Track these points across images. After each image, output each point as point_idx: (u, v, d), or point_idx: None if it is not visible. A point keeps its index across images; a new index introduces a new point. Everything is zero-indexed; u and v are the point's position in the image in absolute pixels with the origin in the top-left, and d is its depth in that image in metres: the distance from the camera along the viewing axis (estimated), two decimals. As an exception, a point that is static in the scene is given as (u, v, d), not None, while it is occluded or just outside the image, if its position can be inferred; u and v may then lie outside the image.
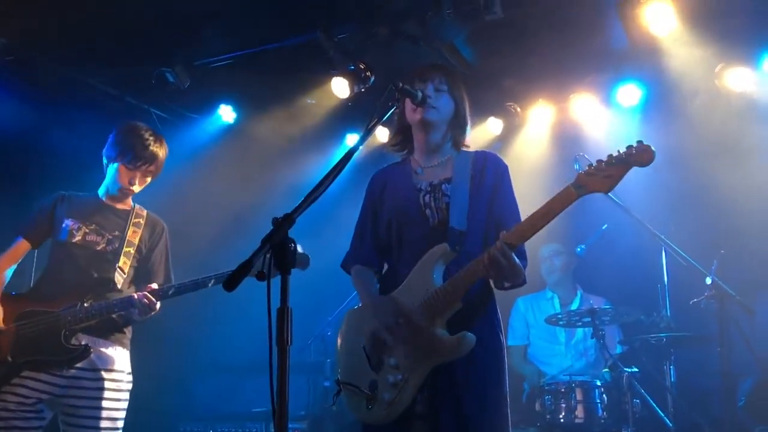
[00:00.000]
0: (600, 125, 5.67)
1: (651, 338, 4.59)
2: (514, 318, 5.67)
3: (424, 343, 2.66)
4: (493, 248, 2.55)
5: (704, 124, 5.27)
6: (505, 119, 6.10)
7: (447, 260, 2.74)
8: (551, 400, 4.61)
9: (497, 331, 2.81)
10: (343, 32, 4.99)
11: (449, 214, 2.79)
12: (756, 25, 4.80)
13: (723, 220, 5.22)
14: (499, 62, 5.44)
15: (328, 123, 6.03)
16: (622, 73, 5.49)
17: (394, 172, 3.06)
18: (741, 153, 5.13)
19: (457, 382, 2.65)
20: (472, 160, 2.93)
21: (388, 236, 2.94)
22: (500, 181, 2.91)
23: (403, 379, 2.66)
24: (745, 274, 4.94)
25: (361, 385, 2.77)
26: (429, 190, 2.89)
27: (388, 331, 2.73)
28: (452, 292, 2.64)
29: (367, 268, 3.01)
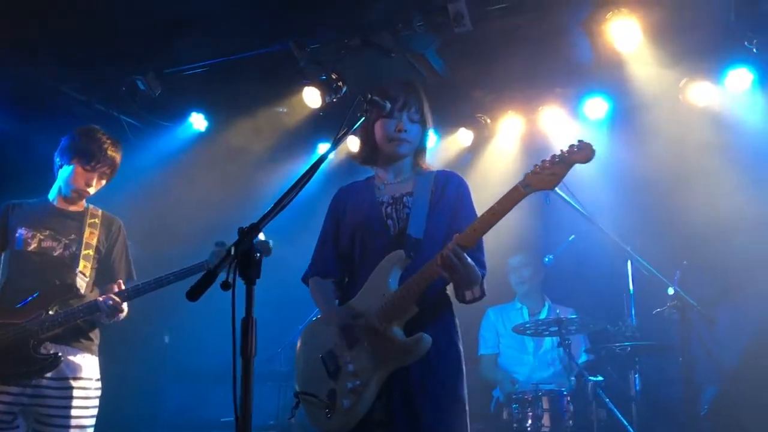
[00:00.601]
0: (568, 137, 5.72)
1: (616, 347, 4.67)
2: (485, 327, 5.74)
3: (382, 347, 2.68)
4: (446, 248, 2.59)
5: (669, 136, 5.38)
6: (475, 130, 6.16)
7: (402, 266, 2.77)
8: (518, 408, 4.66)
9: (454, 338, 2.84)
10: (314, 42, 5.02)
11: (408, 224, 2.85)
12: (718, 41, 4.91)
13: (687, 231, 5.33)
14: (469, 74, 5.51)
15: (300, 132, 6.05)
16: (589, 86, 5.59)
17: (358, 188, 3.12)
18: (704, 165, 5.24)
19: (412, 388, 2.68)
20: (433, 178, 3.01)
21: (351, 248, 2.98)
22: (461, 196, 2.97)
23: (362, 385, 2.68)
24: (708, 284, 5.05)
25: (319, 394, 2.78)
26: (391, 203, 2.94)
27: (345, 338, 2.76)
28: (407, 296, 2.67)
29: (325, 279, 3.03)
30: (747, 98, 5.15)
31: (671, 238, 5.37)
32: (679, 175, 5.33)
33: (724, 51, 5.02)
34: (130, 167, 5.77)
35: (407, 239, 2.81)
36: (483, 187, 5.41)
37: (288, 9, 4.71)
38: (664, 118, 5.39)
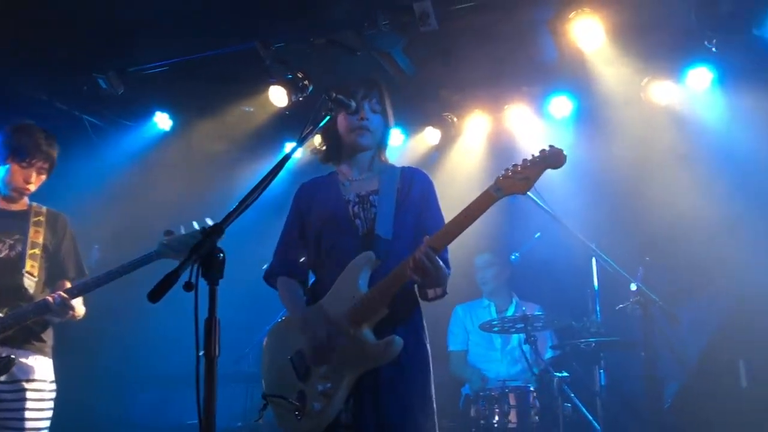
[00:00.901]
0: (534, 136, 5.80)
1: (581, 343, 4.72)
2: (454, 324, 5.76)
3: (352, 349, 2.67)
4: (418, 251, 2.58)
5: (632, 135, 5.46)
6: (442, 129, 6.20)
7: (372, 267, 2.76)
8: (486, 405, 4.69)
9: (422, 338, 2.84)
10: (280, 41, 5.00)
11: (376, 224, 2.83)
12: (679, 40, 5.00)
13: (650, 228, 5.41)
14: (436, 73, 5.53)
15: (266, 131, 6.02)
16: (554, 85, 5.65)
17: (322, 184, 3.08)
18: (666, 164, 5.33)
19: (381, 389, 2.67)
20: (399, 175, 2.99)
21: (317, 247, 2.95)
22: (427, 195, 2.97)
23: (333, 387, 2.67)
24: (670, 281, 5.13)
25: (289, 396, 2.75)
26: (357, 201, 2.92)
27: (315, 340, 2.73)
28: (378, 298, 2.66)
29: (292, 279, 3.00)
30: (707, 97, 5.24)
31: (634, 235, 5.45)
32: (642, 173, 5.41)
33: (684, 50, 5.11)
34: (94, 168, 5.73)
35: (376, 240, 2.80)
36: (451, 186, 5.46)
37: (253, 8, 4.68)
38: (627, 116, 5.46)
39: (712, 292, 5.17)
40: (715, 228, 5.12)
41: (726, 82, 5.14)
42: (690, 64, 5.17)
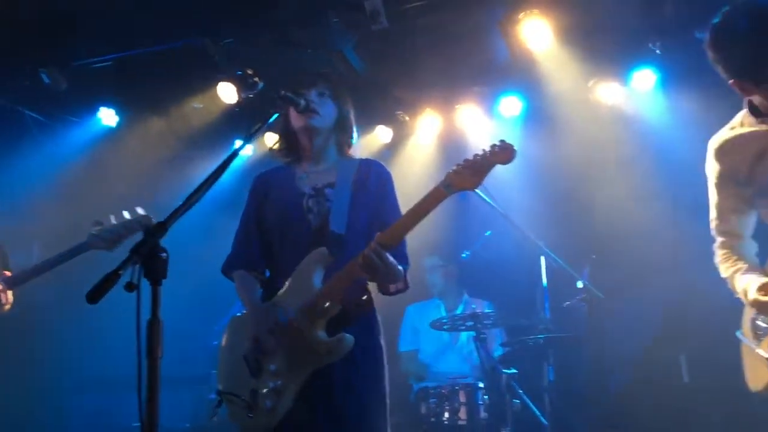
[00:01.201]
0: (484, 135, 5.85)
1: (529, 340, 4.79)
2: (405, 325, 5.79)
3: (304, 346, 2.66)
4: (367, 248, 2.58)
5: (579, 135, 5.55)
6: (394, 127, 6.20)
7: (326, 264, 2.75)
8: (436, 402, 4.72)
9: (376, 334, 2.84)
10: (229, 37, 4.94)
11: (330, 219, 2.82)
12: (625, 43, 5.10)
13: (597, 226, 5.51)
14: (387, 72, 5.54)
15: (215, 128, 5.93)
16: (504, 85, 5.71)
17: (279, 175, 3.05)
18: (612, 164, 5.44)
19: (335, 385, 2.67)
20: (356, 167, 2.97)
21: (271, 241, 2.93)
22: (384, 188, 2.95)
23: (283, 385, 2.66)
24: (616, 277, 5.24)
25: (241, 393, 2.73)
26: (312, 194, 2.90)
27: (267, 336, 2.72)
28: (330, 294, 2.65)
29: (249, 272, 2.97)
30: (651, 98, 5.37)
31: (582, 233, 5.55)
32: (589, 172, 5.51)
33: (630, 52, 5.22)
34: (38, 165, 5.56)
35: (329, 235, 2.78)
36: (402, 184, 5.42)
37: (202, 3, 4.62)
38: (575, 116, 5.55)
39: (655, 289, 5.29)
40: (659, 225, 5.24)
41: (669, 83, 5.27)
42: (635, 65, 5.28)
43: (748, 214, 2.74)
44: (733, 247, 2.75)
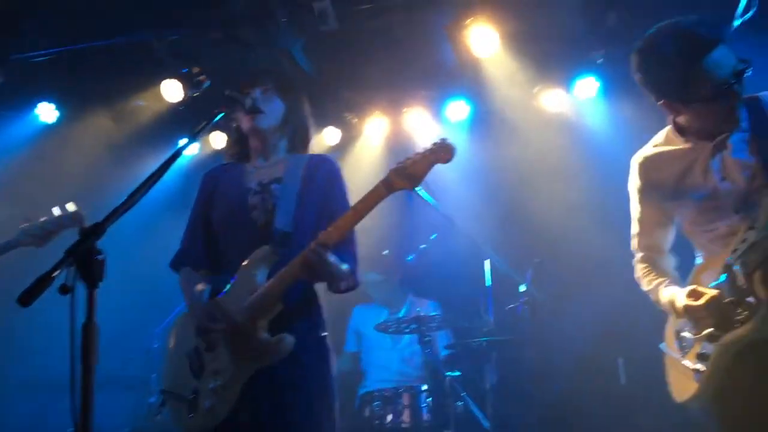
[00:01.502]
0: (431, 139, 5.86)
1: (473, 342, 4.83)
2: (350, 326, 5.78)
3: (245, 346, 2.62)
4: (308, 249, 2.55)
5: (524, 141, 5.63)
6: (342, 129, 6.19)
7: (270, 262, 2.70)
8: (380, 405, 4.72)
9: (320, 333, 2.81)
10: (175, 34, 4.86)
11: (275, 216, 2.78)
12: (569, 51, 5.22)
13: (540, 229, 5.60)
14: (336, 73, 5.53)
15: (159, 127, 5.82)
16: (452, 90, 5.77)
17: (227, 172, 3.01)
18: (556, 169, 5.53)
19: (280, 385, 2.64)
20: (305, 163, 2.92)
21: (218, 237, 2.89)
22: (332, 184, 2.90)
23: (223, 385, 2.62)
24: (559, 280, 5.33)
25: (183, 393, 2.70)
26: (258, 191, 2.86)
27: (209, 335, 2.68)
28: (272, 293, 2.61)
29: (195, 270, 2.92)
30: (593, 106, 5.49)
31: (526, 236, 5.62)
32: (534, 177, 5.59)
33: (573, 61, 5.34)
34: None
35: (274, 233, 2.74)
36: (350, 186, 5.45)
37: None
38: (520, 122, 5.64)
39: (597, 292, 5.40)
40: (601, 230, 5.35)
41: (610, 92, 5.40)
42: (578, 73, 5.40)
43: (670, 230, 2.81)
44: (654, 262, 2.82)
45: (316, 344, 2.77)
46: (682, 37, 2.45)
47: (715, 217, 2.57)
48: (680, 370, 2.65)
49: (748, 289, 2.38)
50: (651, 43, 2.54)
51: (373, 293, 5.81)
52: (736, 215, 2.50)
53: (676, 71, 2.45)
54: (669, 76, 2.49)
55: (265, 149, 2.96)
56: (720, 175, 2.52)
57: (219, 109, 2.73)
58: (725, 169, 2.52)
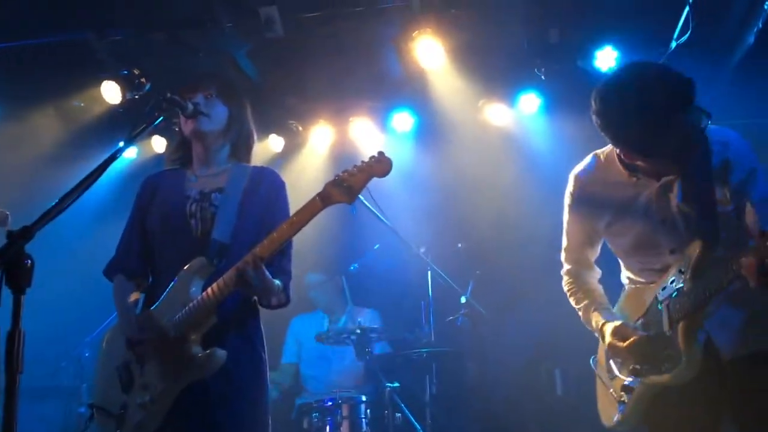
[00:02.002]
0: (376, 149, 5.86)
1: (413, 354, 4.84)
2: (288, 336, 5.72)
3: (176, 360, 2.56)
4: (243, 261, 2.50)
5: (468, 153, 5.70)
6: (286, 137, 6.14)
7: (205, 274, 2.65)
8: (318, 417, 4.68)
9: (257, 347, 2.76)
10: (116, 34, 4.74)
11: (213, 226, 2.72)
12: (512, 66, 5.30)
13: (482, 242, 5.66)
14: (281, 80, 5.49)
15: (98, 129, 5.66)
16: (397, 101, 5.79)
17: (168, 178, 2.94)
18: (497, 182, 5.61)
19: (210, 401, 2.58)
20: (249, 174, 2.87)
21: (153, 246, 2.82)
22: (275, 196, 2.87)
23: (152, 400, 2.55)
24: (499, 292, 5.40)
25: (111, 407, 2.62)
26: (198, 199, 2.80)
27: (140, 348, 2.62)
28: (206, 306, 2.56)
29: (129, 279, 2.84)
30: (536, 120, 5.59)
31: (468, 249, 5.67)
32: (476, 189, 5.66)
33: (516, 76, 5.42)
34: None
35: (212, 243, 2.68)
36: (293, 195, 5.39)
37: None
38: (464, 135, 5.70)
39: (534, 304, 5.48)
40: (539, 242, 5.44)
41: (552, 108, 5.51)
42: (521, 89, 5.48)
43: (597, 247, 2.83)
44: (580, 276, 2.84)
45: (251, 359, 2.72)
46: (648, 93, 2.28)
47: (650, 252, 2.56)
48: (607, 395, 2.70)
49: (672, 338, 2.39)
50: (614, 93, 2.36)
51: (315, 296, 5.77)
52: (671, 255, 2.49)
53: (638, 129, 2.32)
54: (630, 132, 2.36)
55: (207, 155, 2.90)
56: (661, 216, 2.49)
57: (159, 113, 2.69)
58: (668, 211, 2.48)
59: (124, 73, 4.93)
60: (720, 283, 2.23)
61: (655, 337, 2.46)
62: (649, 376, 2.48)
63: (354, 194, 2.55)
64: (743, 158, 2.41)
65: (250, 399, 2.67)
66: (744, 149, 2.44)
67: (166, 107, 2.70)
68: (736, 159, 2.40)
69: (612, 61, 4.86)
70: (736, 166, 2.39)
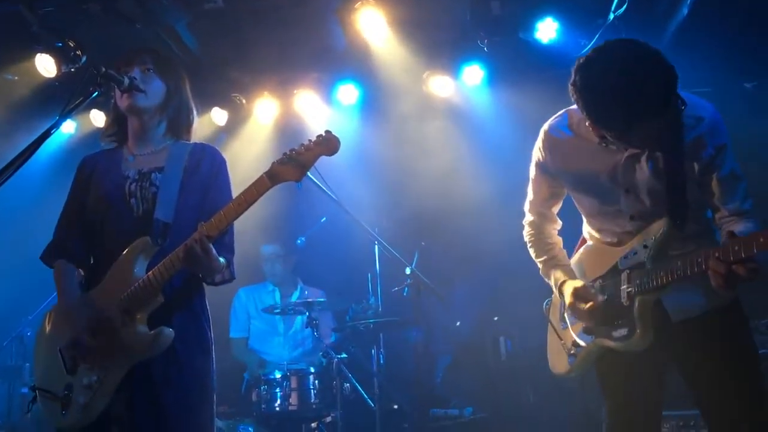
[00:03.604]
0: (321, 121, 5.87)
1: (360, 325, 4.89)
2: (236, 309, 5.68)
3: (121, 341, 2.55)
4: (191, 239, 2.50)
5: (413, 125, 5.72)
6: (229, 110, 6.06)
7: (149, 254, 2.64)
8: (267, 389, 4.71)
9: (203, 326, 2.76)
10: (49, 5, 4.57)
11: (155, 205, 2.70)
12: (456, 38, 5.32)
13: (427, 213, 5.73)
14: (223, 52, 5.39)
15: (32, 103, 5.47)
16: (342, 73, 5.75)
17: (105, 158, 2.89)
18: (441, 154, 5.66)
19: (155, 381, 2.58)
20: (189, 152, 2.84)
21: (93, 227, 2.77)
22: (216, 174, 2.84)
23: (99, 380, 2.54)
24: (444, 262, 5.48)
25: (55, 389, 2.60)
26: (137, 179, 2.76)
27: (83, 330, 2.58)
28: (151, 285, 2.55)
29: (69, 262, 2.80)
30: (480, 92, 5.63)
31: (413, 220, 5.73)
32: (420, 161, 5.69)
33: (460, 48, 5.43)
34: None
35: (154, 223, 2.66)
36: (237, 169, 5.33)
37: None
38: (409, 107, 5.71)
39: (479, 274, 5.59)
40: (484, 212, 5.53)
41: (495, 79, 5.56)
42: (465, 61, 5.51)
43: (561, 199, 2.87)
44: (542, 228, 2.90)
45: (198, 337, 2.72)
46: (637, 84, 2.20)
47: (610, 216, 2.61)
48: (557, 344, 2.80)
49: (628, 310, 2.46)
50: (600, 75, 2.27)
51: (269, 269, 5.76)
52: (632, 221, 2.54)
53: (620, 117, 2.27)
54: (609, 122, 2.33)
55: (143, 132, 2.85)
56: (626, 186, 2.52)
57: (94, 87, 2.63)
58: (633, 182, 2.50)
59: (59, 45, 4.76)
60: (684, 272, 2.28)
61: (612, 305, 2.54)
62: (601, 338, 2.57)
63: (302, 172, 2.54)
64: (715, 135, 2.41)
65: (195, 379, 2.67)
66: (717, 125, 2.43)
67: (102, 82, 2.64)
68: (708, 135, 2.40)
69: (553, 33, 4.93)
70: (708, 142, 2.40)
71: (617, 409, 2.66)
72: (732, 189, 2.40)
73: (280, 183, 2.55)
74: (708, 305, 2.49)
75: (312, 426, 4.82)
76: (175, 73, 2.91)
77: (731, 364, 2.46)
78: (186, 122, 2.93)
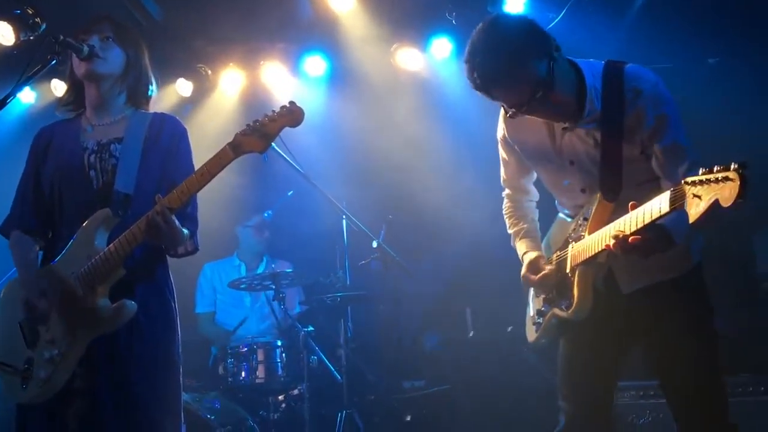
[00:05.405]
0: (288, 93, 5.80)
1: (327, 298, 4.89)
2: (202, 284, 5.65)
3: (83, 314, 2.53)
4: (152, 211, 2.48)
5: (381, 98, 5.68)
6: (195, 81, 5.95)
7: (110, 226, 2.61)
8: (233, 362, 4.71)
9: (167, 298, 2.75)
10: (5, -30, 4.44)
11: (115, 177, 2.66)
12: (424, 10, 5.28)
13: (394, 187, 5.73)
14: (188, 21, 5.28)
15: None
16: (309, 44, 5.67)
17: (62, 129, 2.84)
18: (411, 126, 5.64)
19: (118, 354, 2.57)
20: (149, 122, 2.81)
21: (51, 199, 2.74)
22: (177, 144, 2.82)
23: (60, 354, 2.52)
24: (411, 236, 5.49)
25: (15, 363, 2.58)
26: (95, 150, 2.73)
27: (42, 303, 2.57)
28: (113, 258, 2.53)
29: (26, 234, 2.77)
30: (448, 65, 5.61)
31: (380, 193, 5.73)
32: (388, 135, 5.66)
33: (428, 21, 5.39)
34: None
35: (114, 195, 2.63)
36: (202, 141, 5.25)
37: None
38: (377, 80, 5.66)
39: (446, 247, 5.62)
40: (451, 186, 5.55)
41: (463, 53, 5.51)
42: (433, 33, 5.46)
43: (532, 173, 2.92)
44: (518, 202, 2.97)
45: (161, 310, 2.71)
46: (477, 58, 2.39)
47: (564, 190, 2.69)
48: (529, 313, 2.88)
49: (569, 281, 2.55)
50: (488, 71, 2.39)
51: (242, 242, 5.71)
52: (583, 194, 2.61)
53: (478, 87, 2.43)
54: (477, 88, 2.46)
55: (102, 101, 2.81)
56: (569, 158, 2.57)
57: (52, 55, 2.60)
58: (576, 154, 2.55)
59: (17, 12, 4.63)
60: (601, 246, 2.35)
61: (559, 275, 2.63)
62: (555, 308, 2.64)
63: (266, 143, 2.52)
64: (656, 105, 2.42)
65: (161, 352, 2.67)
66: (657, 96, 2.43)
67: (60, 50, 2.61)
68: (648, 107, 2.41)
69: (521, 6, 4.92)
70: (648, 113, 2.41)
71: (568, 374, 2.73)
72: (673, 159, 2.41)
73: (244, 154, 2.53)
74: (660, 276, 2.54)
75: (279, 398, 4.83)
76: (134, 42, 2.87)
77: (683, 335, 2.52)
78: (146, 92, 2.90)
